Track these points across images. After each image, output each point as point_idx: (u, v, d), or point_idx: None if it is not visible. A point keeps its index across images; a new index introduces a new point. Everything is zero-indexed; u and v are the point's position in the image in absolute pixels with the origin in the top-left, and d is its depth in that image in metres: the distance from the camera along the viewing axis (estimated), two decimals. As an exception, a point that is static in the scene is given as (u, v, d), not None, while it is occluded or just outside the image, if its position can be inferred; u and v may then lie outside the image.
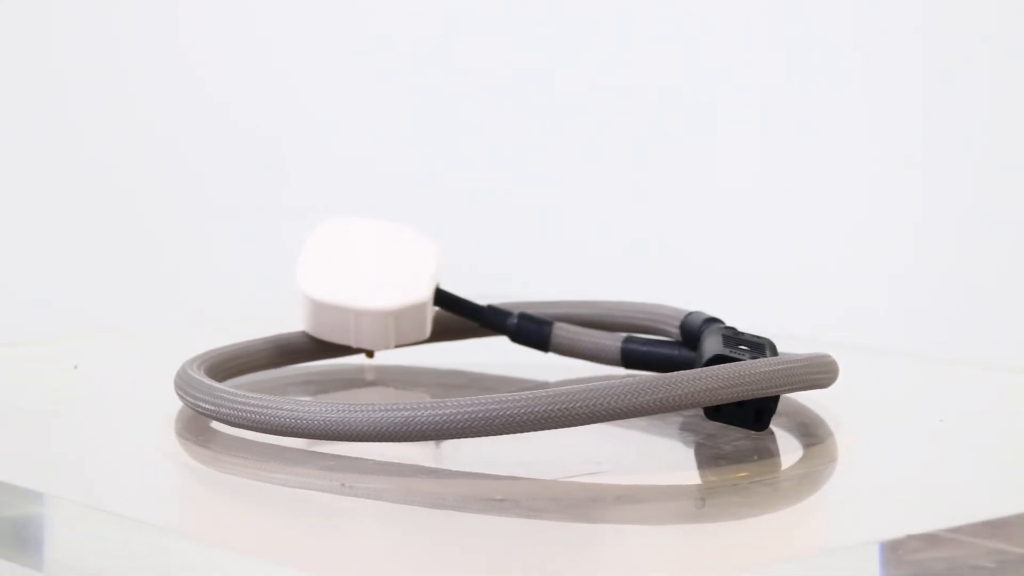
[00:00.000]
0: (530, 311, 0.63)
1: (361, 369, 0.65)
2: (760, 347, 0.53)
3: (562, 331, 0.61)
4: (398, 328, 0.62)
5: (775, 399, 0.51)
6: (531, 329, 0.61)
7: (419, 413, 0.48)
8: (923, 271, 1.02)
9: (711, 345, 0.53)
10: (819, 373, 0.51)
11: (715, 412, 0.51)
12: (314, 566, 0.41)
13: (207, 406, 0.53)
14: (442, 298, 0.63)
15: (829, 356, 0.52)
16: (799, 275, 1.04)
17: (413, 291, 0.62)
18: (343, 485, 0.48)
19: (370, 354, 0.64)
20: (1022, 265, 1.01)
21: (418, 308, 0.62)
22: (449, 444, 0.50)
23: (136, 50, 1.08)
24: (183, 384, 0.54)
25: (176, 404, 0.55)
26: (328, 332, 0.63)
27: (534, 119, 1.09)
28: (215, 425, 0.54)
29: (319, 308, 0.62)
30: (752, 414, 0.51)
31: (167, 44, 1.08)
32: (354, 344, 0.63)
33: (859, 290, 1.03)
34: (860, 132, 1.03)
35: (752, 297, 1.02)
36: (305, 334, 0.63)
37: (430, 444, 0.50)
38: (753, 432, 0.52)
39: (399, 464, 0.50)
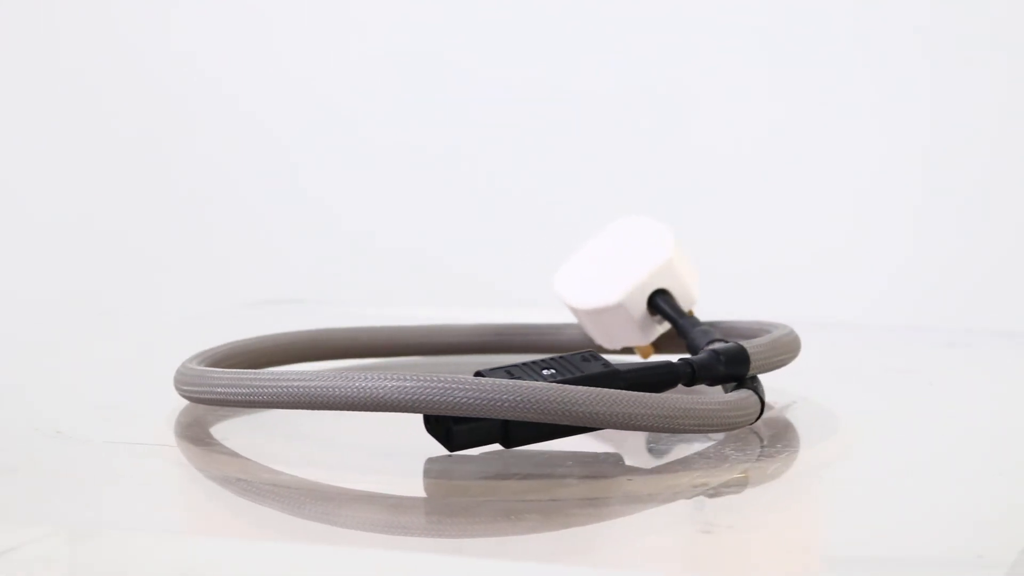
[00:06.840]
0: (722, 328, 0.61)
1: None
2: (568, 374, 0.51)
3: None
4: (608, 329, 0.62)
5: (459, 423, 0.50)
6: (696, 346, 0.59)
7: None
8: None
9: None
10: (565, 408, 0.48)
11: (426, 423, 0.50)
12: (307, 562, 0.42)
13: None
14: (658, 306, 0.62)
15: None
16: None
17: (607, 295, 0.62)
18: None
19: (645, 353, 0.64)
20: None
21: (613, 312, 0.62)
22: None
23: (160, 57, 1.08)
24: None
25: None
26: (580, 324, 0.64)
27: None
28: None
29: (562, 301, 0.64)
30: (444, 432, 0.50)
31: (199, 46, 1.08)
32: (593, 339, 0.64)
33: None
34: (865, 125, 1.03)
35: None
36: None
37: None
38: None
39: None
